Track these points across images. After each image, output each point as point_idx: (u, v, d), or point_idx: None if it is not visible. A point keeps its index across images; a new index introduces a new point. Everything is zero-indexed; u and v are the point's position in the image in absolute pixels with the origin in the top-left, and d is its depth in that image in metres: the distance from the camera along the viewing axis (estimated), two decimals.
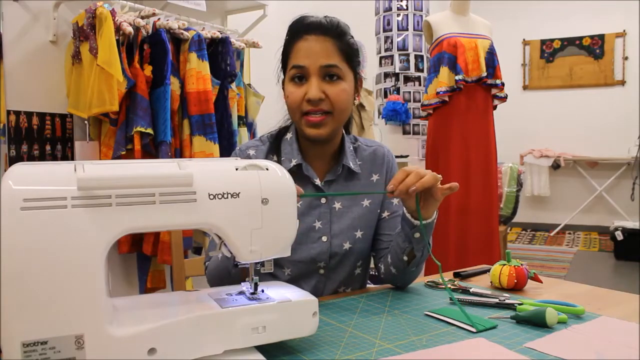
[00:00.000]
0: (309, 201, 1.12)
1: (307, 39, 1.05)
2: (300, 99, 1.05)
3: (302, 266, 1.11)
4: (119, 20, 2.03)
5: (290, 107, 1.08)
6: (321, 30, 1.06)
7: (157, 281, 2.32)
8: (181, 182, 0.67)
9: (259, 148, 1.15)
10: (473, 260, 2.53)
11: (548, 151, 5.94)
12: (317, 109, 1.05)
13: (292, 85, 1.06)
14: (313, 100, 1.04)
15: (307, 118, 1.06)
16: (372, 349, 0.78)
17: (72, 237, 0.61)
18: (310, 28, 1.06)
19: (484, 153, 2.84)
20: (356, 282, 1.19)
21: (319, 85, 1.04)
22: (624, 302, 1.02)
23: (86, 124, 2.15)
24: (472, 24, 2.93)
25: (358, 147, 1.20)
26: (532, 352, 0.76)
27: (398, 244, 1.07)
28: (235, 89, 2.48)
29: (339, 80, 1.06)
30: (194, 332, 0.68)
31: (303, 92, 1.05)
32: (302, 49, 1.05)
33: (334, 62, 1.05)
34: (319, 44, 1.05)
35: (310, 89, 1.04)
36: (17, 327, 0.59)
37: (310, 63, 1.04)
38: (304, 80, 1.05)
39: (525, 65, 6.27)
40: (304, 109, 1.06)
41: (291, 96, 1.06)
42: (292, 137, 1.14)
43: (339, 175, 1.14)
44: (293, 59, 1.06)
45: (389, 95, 3.47)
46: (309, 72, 1.04)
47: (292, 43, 1.07)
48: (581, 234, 5.75)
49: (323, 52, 1.04)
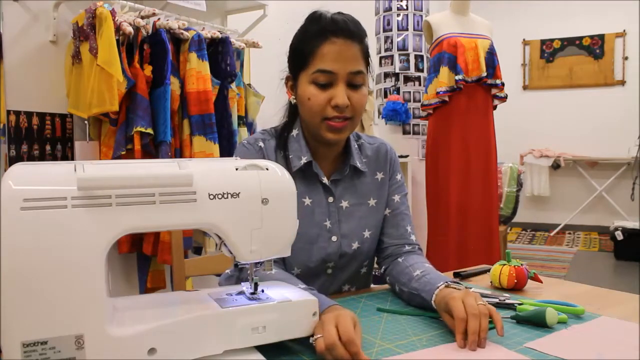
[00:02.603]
0: (317, 199, 1.11)
1: (334, 42, 1.01)
2: (324, 103, 1.02)
3: (312, 266, 1.10)
4: (119, 20, 2.03)
5: (311, 110, 1.03)
6: (348, 34, 1.02)
7: (157, 281, 2.32)
8: (181, 182, 0.67)
9: (268, 142, 1.12)
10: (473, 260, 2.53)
11: (548, 151, 5.94)
12: (342, 115, 1.02)
13: (315, 89, 1.02)
14: (341, 106, 1.01)
15: (330, 123, 1.03)
16: (372, 349, 0.78)
17: (72, 237, 0.61)
18: (338, 30, 1.02)
19: (484, 153, 2.84)
20: (361, 281, 1.19)
21: (345, 92, 1.02)
22: (624, 302, 1.02)
23: (86, 124, 2.14)
24: (472, 24, 2.93)
25: (362, 144, 1.19)
26: (532, 352, 0.76)
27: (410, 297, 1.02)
28: (235, 89, 2.48)
29: (362, 86, 1.05)
30: (194, 332, 0.68)
31: (328, 97, 1.02)
32: (330, 53, 1.01)
33: (360, 68, 1.03)
34: (348, 50, 1.02)
35: (338, 96, 1.01)
36: (17, 327, 0.59)
37: (339, 69, 1.01)
38: (329, 86, 1.02)
39: (525, 65, 6.26)
40: (328, 114, 1.02)
41: (314, 99, 1.02)
42: (298, 134, 1.11)
43: (345, 174, 1.14)
44: (318, 62, 1.01)
45: (389, 95, 3.47)
46: (337, 78, 1.01)
47: (315, 43, 1.02)
48: (581, 234, 5.75)
49: (351, 58, 1.02)
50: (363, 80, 1.04)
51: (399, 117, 3.38)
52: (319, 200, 1.11)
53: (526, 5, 6.18)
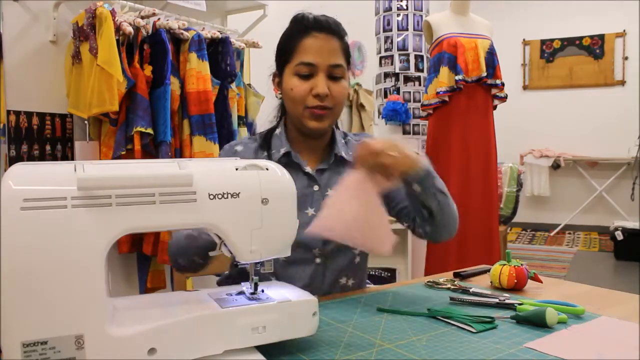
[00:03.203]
0: (301, 189, 1.12)
1: (316, 36, 1.10)
2: (306, 93, 1.09)
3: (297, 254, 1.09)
4: (119, 20, 2.03)
5: (294, 100, 1.11)
6: (329, 30, 1.11)
7: (157, 281, 2.32)
8: (181, 182, 0.67)
9: (248, 145, 1.19)
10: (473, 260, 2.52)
11: (548, 151, 5.94)
12: (322, 104, 1.09)
13: (298, 80, 1.10)
14: (322, 95, 1.08)
15: (312, 111, 1.10)
16: (372, 349, 0.78)
17: (72, 237, 0.61)
18: (318, 26, 1.10)
19: (484, 153, 2.84)
20: (356, 272, 1.18)
21: (326, 83, 1.09)
22: (624, 302, 1.02)
23: (86, 124, 2.15)
24: (472, 24, 2.93)
25: (348, 141, 1.25)
26: (532, 352, 0.76)
27: (413, 207, 1.10)
28: (235, 89, 2.48)
29: (341, 79, 1.12)
30: (194, 332, 0.68)
31: (309, 87, 1.09)
32: (311, 47, 1.09)
33: (340, 62, 1.11)
34: (328, 44, 1.10)
35: (319, 85, 1.08)
36: (17, 327, 0.59)
37: (320, 61, 1.09)
38: (310, 77, 1.09)
39: (525, 65, 6.27)
40: (309, 103, 1.10)
41: (296, 89, 1.10)
42: (281, 131, 1.19)
43: (331, 163, 1.18)
44: (301, 55, 1.09)
45: (389, 95, 3.47)
46: (318, 70, 1.09)
47: (298, 38, 1.10)
48: (581, 234, 5.75)
49: (331, 51, 1.10)
50: (343, 73, 1.12)
51: (399, 117, 3.38)
52: (301, 189, 1.12)
53: (526, 5, 6.18)
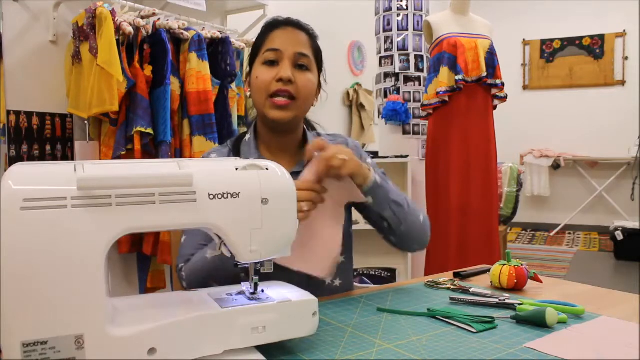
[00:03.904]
0: None
1: (284, 29, 1.11)
2: (270, 79, 1.08)
3: None
4: (119, 20, 2.03)
5: (259, 88, 1.10)
6: (298, 26, 1.13)
7: (157, 281, 2.32)
8: (181, 182, 0.67)
9: (221, 151, 1.18)
10: (473, 260, 2.53)
11: (548, 151, 5.94)
12: (285, 89, 1.07)
13: (264, 67, 1.09)
14: (284, 78, 1.07)
15: (274, 100, 1.08)
16: (372, 349, 0.78)
17: (72, 237, 0.61)
18: (287, 22, 1.12)
19: (484, 153, 2.84)
20: (342, 272, 1.17)
21: (291, 70, 1.09)
22: (624, 302, 1.02)
23: (86, 124, 2.15)
24: (472, 24, 2.93)
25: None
26: (532, 352, 0.76)
27: (373, 219, 1.12)
28: (235, 89, 2.48)
29: (307, 70, 1.11)
30: (194, 332, 0.68)
31: (274, 74, 1.08)
32: (279, 36, 1.10)
33: (307, 52, 1.11)
34: (296, 35, 1.11)
35: (283, 69, 1.08)
36: (17, 327, 0.59)
37: (286, 48, 1.09)
38: (276, 64, 1.09)
39: (525, 65, 6.27)
40: (272, 89, 1.08)
41: (261, 76, 1.09)
42: (250, 137, 1.17)
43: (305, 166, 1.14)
44: (268, 44, 1.10)
45: (389, 95, 3.47)
46: (283, 56, 1.09)
47: (267, 33, 1.12)
48: (581, 234, 5.75)
49: (298, 41, 1.11)
50: (309, 64, 1.11)
51: (399, 117, 3.38)
52: None
53: (526, 5, 6.18)
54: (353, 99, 4.44)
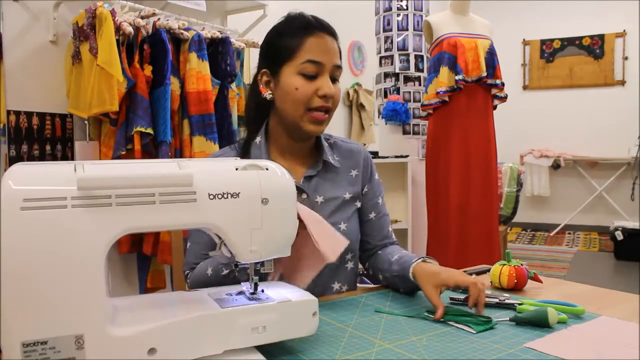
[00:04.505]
0: None
1: (321, 36, 1.06)
2: (312, 93, 1.05)
3: None
4: (119, 20, 2.03)
5: (297, 100, 1.05)
6: (330, 31, 1.09)
7: (157, 281, 2.32)
8: (181, 182, 0.67)
9: (228, 154, 1.15)
10: (473, 260, 2.53)
11: (548, 151, 5.94)
12: (326, 105, 1.07)
13: (302, 79, 1.05)
14: (329, 95, 1.06)
15: (313, 115, 1.06)
16: (372, 349, 0.78)
17: (72, 237, 0.61)
18: (320, 26, 1.08)
19: (484, 153, 2.84)
20: (349, 278, 1.18)
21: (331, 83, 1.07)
22: (624, 302, 1.02)
23: (86, 124, 2.15)
24: (472, 24, 2.93)
25: (334, 143, 1.21)
26: (532, 352, 0.76)
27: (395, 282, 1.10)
28: (235, 89, 2.48)
29: (338, 81, 1.11)
30: (194, 332, 0.68)
31: (315, 87, 1.05)
32: (318, 45, 1.06)
33: (340, 64, 1.10)
34: (332, 45, 1.08)
35: (326, 86, 1.05)
36: (17, 327, 0.59)
37: (327, 61, 1.06)
38: (315, 77, 1.06)
39: (525, 65, 6.26)
40: (313, 104, 1.06)
41: (302, 89, 1.05)
42: (261, 140, 1.13)
43: (319, 170, 1.15)
44: (307, 53, 1.05)
45: (389, 95, 3.47)
46: (324, 69, 1.06)
47: (301, 36, 1.06)
48: (581, 234, 5.75)
49: (335, 52, 1.08)
50: (340, 75, 1.11)
51: (399, 117, 3.38)
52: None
53: (526, 5, 6.18)
54: (353, 99, 4.44)
